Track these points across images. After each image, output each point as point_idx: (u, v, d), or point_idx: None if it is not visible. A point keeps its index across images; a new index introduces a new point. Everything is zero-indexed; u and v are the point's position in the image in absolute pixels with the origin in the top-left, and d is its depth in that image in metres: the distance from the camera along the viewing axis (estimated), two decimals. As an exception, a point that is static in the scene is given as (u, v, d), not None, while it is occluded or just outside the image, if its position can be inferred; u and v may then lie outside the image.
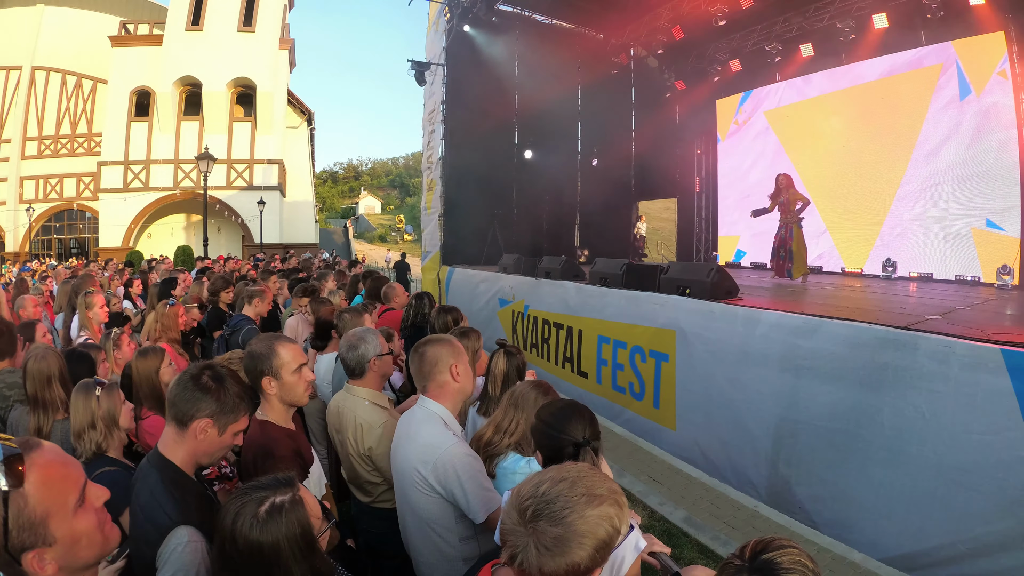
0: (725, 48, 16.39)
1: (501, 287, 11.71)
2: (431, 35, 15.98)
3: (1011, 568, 4.11)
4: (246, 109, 30.48)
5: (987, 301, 8.54)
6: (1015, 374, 4.21)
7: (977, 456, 4.32)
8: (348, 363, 3.22)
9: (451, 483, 2.51)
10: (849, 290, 9.92)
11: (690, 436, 6.97)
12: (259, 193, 28.79)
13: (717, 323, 6.68)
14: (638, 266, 8.86)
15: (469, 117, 14.78)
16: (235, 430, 2.24)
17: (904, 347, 4.90)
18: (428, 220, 16.10)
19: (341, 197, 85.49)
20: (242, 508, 1.67)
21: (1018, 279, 10.81)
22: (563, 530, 1.31)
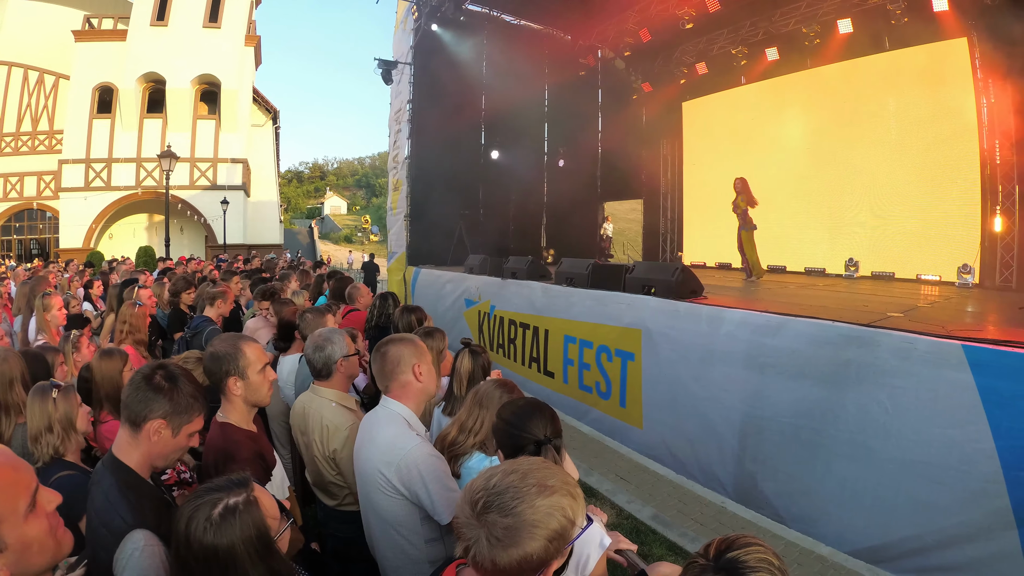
0: (692, 51, 16.57)
1: (467, 288, 11.64)
2: (399, 34, 15.85)
3: (976, 559, 4.18)
4: (210, 107, 29.83)
5: (948, 299, 8.75)
6: (976, 369, 4.27)
7: (940, 449, 4.37)
8: (314, 364, 3.17)
9: (415, 484, 2.48)
10: (812, 289, 10.09)
11: (657, 434, 6.98)
12: (223, 193, 28.19)
13: (682, 322, 6.71)
14: (604, 266, 8.87)
15: (436, 117, 14.66)
16: (190, 431, 2.19)
17: (867, 344, 4.97)
18: (394, 220, 15.93)
19: (306, 197, 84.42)
20: (195, 511, 1.63)
21: (978, 278, 11.10)
22: (513, 520, 1.30)
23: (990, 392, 4.19)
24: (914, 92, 12.33)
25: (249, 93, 30.91)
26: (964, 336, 4.60)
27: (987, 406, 4.18)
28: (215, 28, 28.72)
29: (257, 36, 31.25)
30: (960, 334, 4.71)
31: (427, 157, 14.73)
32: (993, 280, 11.04)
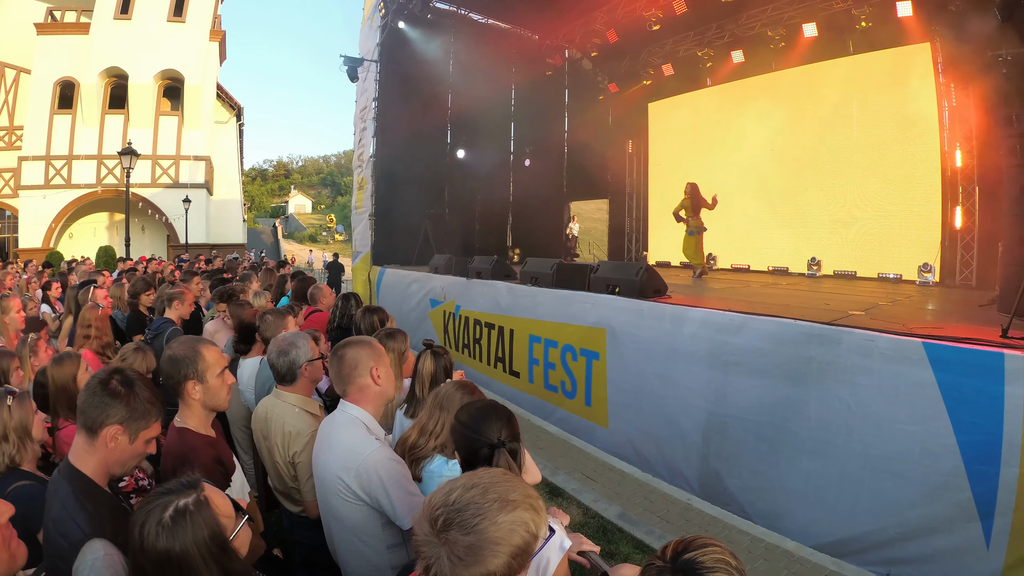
0: (658, 52, 16.63)
1: (432, 287, 11.54)
2: (365, 31, 15.62)
3: (940, 550, 4.25)
4: (173, 103, 29.07)
5: (909, 297, 8.88)
6: (937, 366, 4.35)
7: (903, 444, 4.44)
8: (278, 369, 3.13)
9: (375, 490, 2.42)
10: (775, 288, 10.22)
11: (622, 433, 7.00)
12: (185, 191, 27.52)
13: (646, 321, 6.74)
14: (568, 265, 8.85)
15: (402, 115, 14.48)
16: (147, 437, 2.15)
17: (828, 342, 5.03)
18: (359, 220, 15.70)
19: (270, 196, 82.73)
20: (147, 516, 1.59)
21: (939, 276, 11.35)
22: (475, 538, 1.27)
23: (951, 388, 4.26)
24: (877, 95, 12.53)
25: (213, 89, 30.20)
26: (924, 334, 4.67)
27: (948, 402, 4.25)
28: (179, 22, 28.03)
29: (222, 31, 30.59)
30: (921, 332, 4.79)
31: (392, 156, 14.53)
32: (953, 279, 11.28)
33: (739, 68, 15.01)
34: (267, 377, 3.56)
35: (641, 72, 17.18)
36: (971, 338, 4.52)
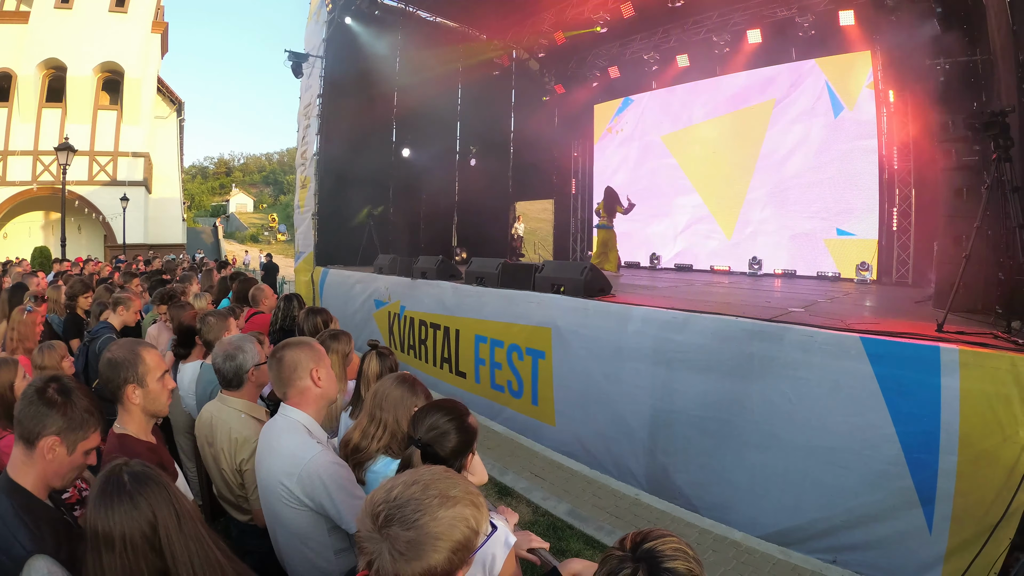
0: (605, 55, 16.80)
1: (377, 288, 11.35)
2: (311, 26, 15.32)
3: (884, 536, 4.38)
4: (112, 97, 27.95)
5: (847, 295, 9.13)
6: (875, 360, 4.49)
7: (844, 436, 4.57)
8: (224, 373, 3.06)
9: (319, 494, 2.39)
10: (717, 286, 10.36)
11: (570, 431, 7.02)
12: (123, 189, 26.50)
13: (591, 319, 6.78)
14: (513, 265, 8.82)
15: (346, 112, 14.24)
16: (85, 448, 2.09)
17: (769, 338, 5.15)
18: (301, 219, 15.33)
19: (211, 194, 80.00)
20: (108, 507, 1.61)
21: (876, 274, 11.75)
22: (416, 534, 1.30)
23: (888, 381, 4.39)
24: (819, 100, 12.91)
25: (153, 83, 29.19)
26: (862, 329, 4.82)
27: (886, 394, 4.37)
28: (121, 13, 26.92)
29: (165, 23, 29.53)
30: (858, 327, 4.92)
31: (337, 154, 14.27)
32: (890, 277, 11.69)
33: (684, 72, 15.25)
34: (208, 381, 3.49)
35: (587, 74, 17.33)
36: (908, 332, 4.67)
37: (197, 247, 36.91)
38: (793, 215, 13.27)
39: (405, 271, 10.61)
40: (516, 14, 15.10)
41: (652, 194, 16.14)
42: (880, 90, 11.99)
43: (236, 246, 49.24)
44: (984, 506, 3.96)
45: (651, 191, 16.22)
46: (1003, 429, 3.92)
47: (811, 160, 12.99)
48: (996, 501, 3.89)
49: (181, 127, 33.76)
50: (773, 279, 12.65)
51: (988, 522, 3.91)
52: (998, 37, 6.53)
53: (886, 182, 11.85)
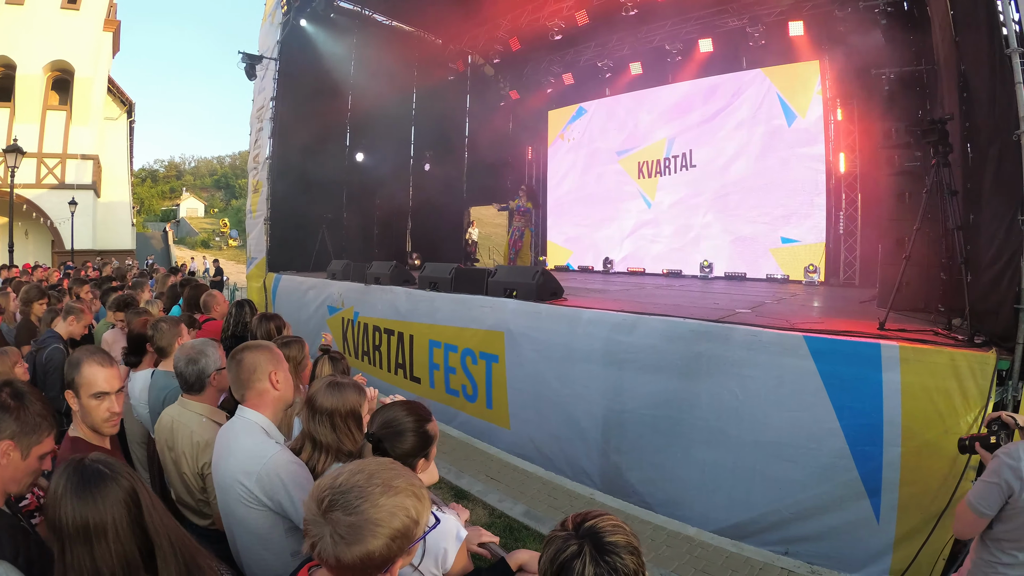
0: (559, 61, 16.93)
1: (330, 294, 11.21)
2: (266, 27, 15.05)
3: (833, 527, 4.51)
4: (62, 96, 26.75)
5: (794, 296, 9.37)
6: (818, 357, 4.63)
7: (790, 430, 4.70)
8: (186, 377, 3.03)
9: (277, 492, 2.37)
10: (668, 289, 10.53)
11: (524, 433, 7.07)
12: (71, 192, 25.33)
13: (543, 323, 6.84)
14: (467, 270, 8.86)
15: (300, 115, 14.00)
16: (40, 453, 2.06)
17: (716, 338, 5.30)
18: (253, 224, 15.05)
19: (161, 198, 77.13)
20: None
21: (824, 276, 12.07)
22: (356, 519, 1.34)
23: (831, 377, 4.53)
24: (768, 108, 13.21)
25: (104, 82, 27.96)
26: (806, 328, 4.99)
27: (829, 390, 4.51)
28: (73, 9, 25.73)
29: (117, 21, 28.45)
30: (802, 326, 5.09)
31: (290, 158, 14.00)
32: (838, 278, 12.02)
33: (637, 79, 15.49)
34: (161, 388, 3.45)
35: (542, 80, 17.47)
36: (849, 331, 4.85)
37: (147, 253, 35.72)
38: (743, 219, 13.54)
39: (359, 277, 10.51)
40: (472, 19, 15.03)
41: (600, 199, 16.55)
42: (828, 99, 12.36)
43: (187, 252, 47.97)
44: (929, 495, 4.10)
45: (599, 197, 16.61)
46: (944, 421, 4.07)
47: (757, 166, 13.33)
48: (941, 490, 4.03)
49: (131, 129, 32.60)
50: (723, 282, 12.92)
51: (934, 510, 4.04)
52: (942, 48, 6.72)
53: (833, 187, 12.20)
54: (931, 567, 4.06)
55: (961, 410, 4.01)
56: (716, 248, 13.92)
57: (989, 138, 4.86)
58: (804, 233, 12.50)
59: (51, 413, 2.12)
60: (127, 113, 31.81)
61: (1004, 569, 2.60)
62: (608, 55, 15.80)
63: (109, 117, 29.68)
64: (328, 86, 14.72)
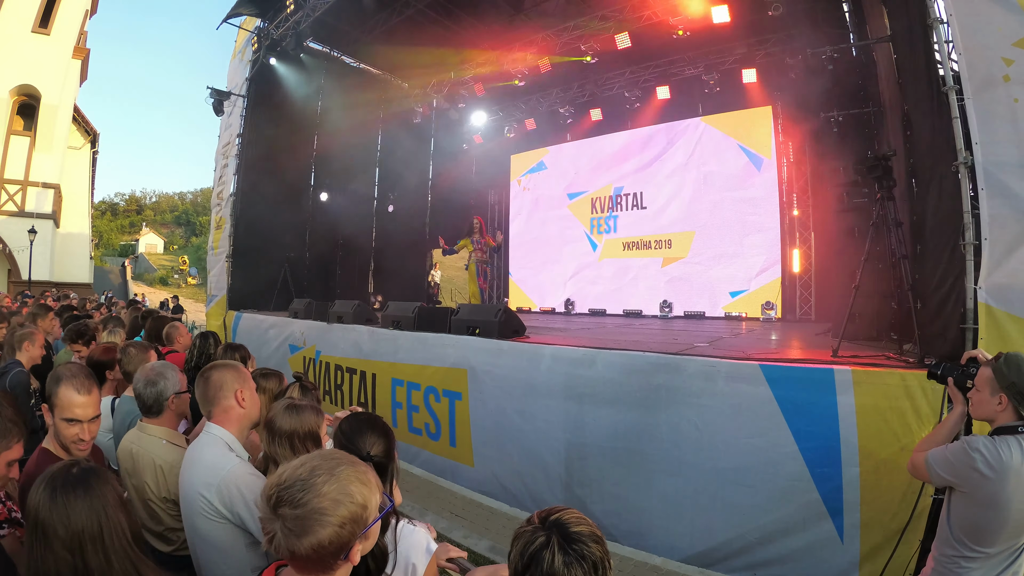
0: (522, 107, 17.33)
1: (292, 332, 11.09)
2: (235, 63, 15.12)
3: (798, 549, 4.56)
4: (26, 122, 26.17)
5: (751, 331, 9.54)
6: (773, 384, 4.74)
7: (749, 457, 4.76)
8: (145, 399, 3.01)
9: (236, 504, 2.39)
10: (629, 328, 10.63)
11: (488, 470, 7.01)
12: (31, 221, 24.76)
13: (505, 359, 6.86)
14: (430, 308, 8.92)
15: (266, 153, 14.00)
16: (8, 459, 2.11)
17: (674, 370, 5.36)
18: (215, 261, 14.87)
19: (120, 232, 75.67)
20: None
21: (780, 312, 12.35)
22: (302, 511, 1.38)
23: (787, 402, 4.62)
24: (723, 152, 13.66)
25: (70, 110, 27.25)
26: (761, 357, 5.09)
27: (786, 415, 4.59)
28: (44, 34, 25.46)
29: (87, 49, 28.10)
30: (757, 356, 5.20)
31: (254, 195, 13.95)
32: (794, 314, 12.34)
33: (597, 125, 15.98)
34: (127, 413, 3.45)
35: (504, 125, 17.86)
36: (803, 359, 5.02)
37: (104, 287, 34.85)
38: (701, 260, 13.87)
39: (321, 315, 10.43)
40: (437, 66, 15.38)
41: (557, 242, 17.04)
42: (780, 142, 12.82)
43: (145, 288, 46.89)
44: (891, 512, 4.19)
45: (556, 239, 17.08)
46: (899, 439, 4.18)
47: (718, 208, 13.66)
48: (901, 506, 4.12)
49: (94, 159, 31.93)
50: (682, 320, 13.16)
51: (896, 527, 4.12)
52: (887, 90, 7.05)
53: (787, 227, 12.60)
54: (898, 583, 4.11)
55: (915, 428, 4.11)
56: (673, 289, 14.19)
57: (931, 171, 5.07)
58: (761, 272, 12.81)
59: (23, 420, 2.14)
60: (91, 143, 31.19)
61: (967, 563, 2.65)
62: (569, 101, 16.23)
63: (73, 146, 29.08)
64: (295, 125, 14.76)
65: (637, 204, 15.20)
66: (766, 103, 12.96)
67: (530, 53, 13.96)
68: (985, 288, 4.05)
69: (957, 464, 2.66)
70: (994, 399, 2.68)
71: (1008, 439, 2.61)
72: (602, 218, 16.01)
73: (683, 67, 13.95)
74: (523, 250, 18.24)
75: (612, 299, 15.47)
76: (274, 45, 13.68)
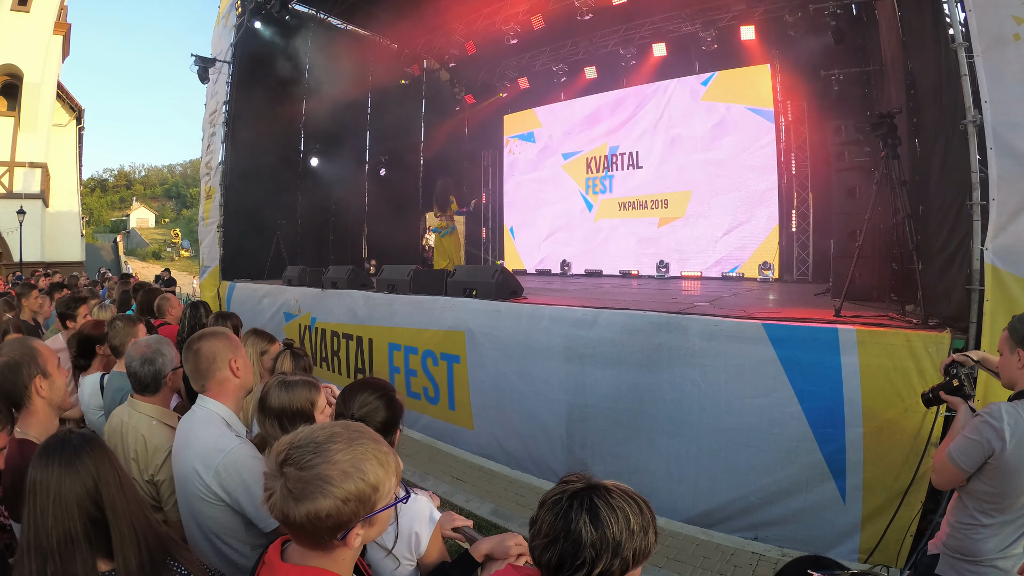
0: (515, 66, 17.03)
1: (286, 300, 11.04)
2: (219, 29, 14.75)
3: (800, 509, 4.58)
4: (10, 102, 25.78)
5: (750, 291, 9.55)
6: (777, 343, 4.71)
7: (752, 417, 4.76)
8: (141, 378, 2.88)
9: (236, 490, 2.29)
10: (626, 288, 10.63)
11: (488, 433, 7.03)
12: (19, 202, 24.57)
13: (503, 321, 6.82)
14: (426, 271, 8.82)
15: (254, 119, 13.78)
16: None
17: (676, 329, 5.33)
18: (206, 231, 14.72)
19: (111, 208, 74.58)
20: None
21: (778, 273, 12.33)
22: (307, 474, 1.29)
23: (791, 362, 4.60)
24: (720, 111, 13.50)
25: (53, 88, 26.84)
26: (764, 316, 5.07)
27: (789, 375, 4.58)
28: (23, 12, 24.84)
29: (67, 24, 27.42)
30: (760, 315, 5.16)
31: (243, 163, 13.73)
32: (791, 275, 12.31)
33: (592, 83, 15.66)
34: (117, 389, 3.30)
35: (497, 84, 17.58)
36: (807, 317, 4.98)
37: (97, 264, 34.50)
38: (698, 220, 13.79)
39: (315, 282, 10.35)
40: (427, 24, 14.99)
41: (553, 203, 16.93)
42: (779, 100, 12.65)
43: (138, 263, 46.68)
44: (893, 473, 4.20)
45: (552, 200, 16.98)
46: (903, 400, 4.17)
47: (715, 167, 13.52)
48: (904, 468, 4.12)
49: (80, 136, 31.46)
50: (679, 281, 13.13)
51: (898, 488, 4.12)
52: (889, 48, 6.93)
53: (785, 187, 12.49)
54: (899, 544, 4.13)
55: (919, 389, 4.05)
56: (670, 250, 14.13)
57: (936, 130, 5.02)
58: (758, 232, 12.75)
59: (6, 407, 2.12)
60: (76, 120, 30.76)
61: (984, 530, 2.61)
62: (563, 59, 15.90)
63: (58, 124, 28.72)
64: (282, 90, 14.50)
65: (633, 163, 15.06)
66: (764, 61, 12.75)
67: (522, 9, 13.65)
68: (992, 249, 4.02)
69: (982, 437, 2.56)
70: (1013, 357, 2.62)
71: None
72: (597, 178, 15.88)
73: (679, 24, 13.66)
74: (517, 211, 18.12)
75: (608, 260, 15.39)
76: (258, 8, 13.37)
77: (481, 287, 7.43)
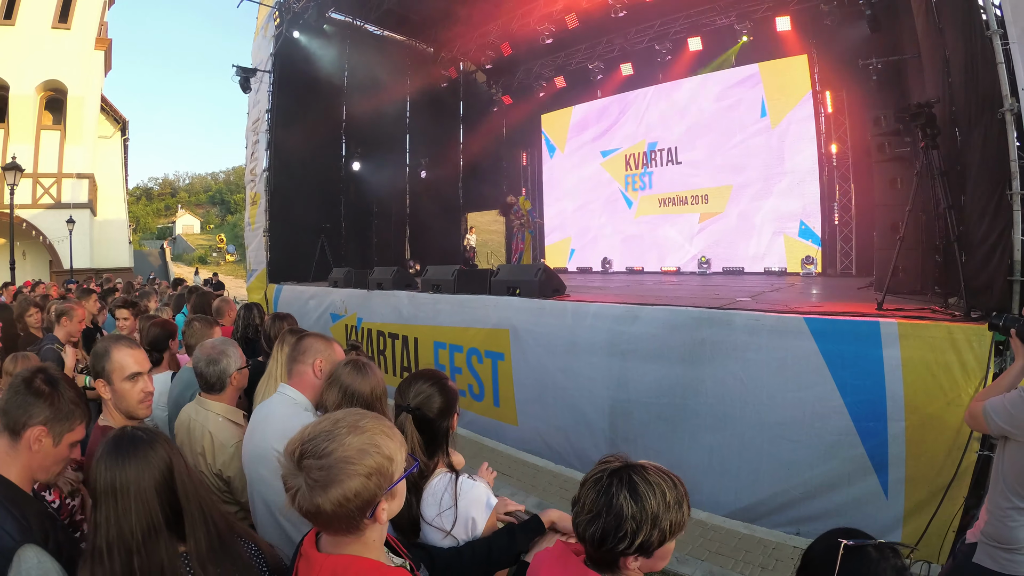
0: (551, 65, 17.10)
1: (332, 301, 11.27)
2: (258, 40, 15.17)
3: (843, 504, 4.57)
4: (55, 116, 26.52)
5: (792, 286, 9.47)
6: (818, 337, 4.71)
7: (794, 410, 4.76)
8: (207, 378, 3.00)
9: None
10: (667, 284, 10.65)
11: (532, 428, 7.11)
12: (68, 211, 25.16)
13: (547, 318, 6.89)
14: (469, 271, 8.94)
15: (295, 126, 14.06)
16: (71, 440, 2.05)
17: (718, 324, 5.36)
18: (252, 236, 15.13)
19: (156, 216, 76.19)
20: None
21: (821, 267, 12.19)
22: (327, 461, 1.35)
23: (833, 356, 4.60)
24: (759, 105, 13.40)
25: (97, 101, 27.72)
26: (806, 311, 5.06)
27: (832, 368, 4.58)
28: (64, 29, 25.54)
29: (108, 39, 28.21)
30: (802, 310, 5.16)
31: (286, 169, 14.13)
32: (835, 269, 12.15)
33: (628, 80, 15.66)
34: (183, 389, 3.45)
35: (534, 84, 17.67)
36: (849, 311, 4.94)
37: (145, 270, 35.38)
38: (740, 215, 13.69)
39: (360, 283, 10.57)
40: (462, 26, 15.13)
41: (593, 200, 16.92)
42: (817, 92, 12.50)
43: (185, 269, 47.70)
44: (936, 468, 4.17)
45: (592, 198, 16.95)
46: (946, 394, 4.15)
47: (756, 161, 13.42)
48: (947, 462, 4.11)
49: (125, 147, 32.30)
50: (721, 276, 13.06)
51: (941, 482, 4.11)
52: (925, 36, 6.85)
53: (826, 180, 12.35)
54: (941, 539, 4.10)
55: (962, 382, 4.08)
56: (710, 244, 14.07)
57: (973, 119, 4.96)
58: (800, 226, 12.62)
59: (84, 401, 2.11)
60: (120, 131, 31.54)
61: (1020, 516, 2.62)
62: (599, 56, 15.95)
63: (103, 136, 29.53)
64: (322, 96, 14.82)
65: (672, 159, 15.02)
66: (801, 52, 12.62)
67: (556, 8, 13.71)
68: (1033, 239, 3.98)
69: (1016, 413, 2.61)
70: None
71: None
72: (637, 174, 15.85)
73: (714, 17, 13.65)
74: (557, 210, 18.14)
75: (649, 256, 15.39)
76: (296, 18, 13.72)
77: (524, 285, 7.50)
